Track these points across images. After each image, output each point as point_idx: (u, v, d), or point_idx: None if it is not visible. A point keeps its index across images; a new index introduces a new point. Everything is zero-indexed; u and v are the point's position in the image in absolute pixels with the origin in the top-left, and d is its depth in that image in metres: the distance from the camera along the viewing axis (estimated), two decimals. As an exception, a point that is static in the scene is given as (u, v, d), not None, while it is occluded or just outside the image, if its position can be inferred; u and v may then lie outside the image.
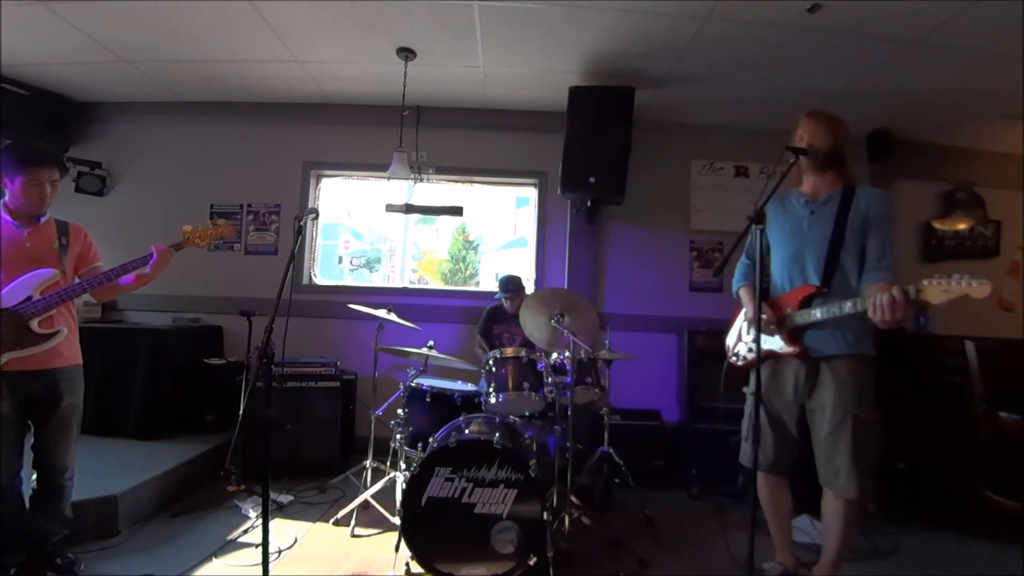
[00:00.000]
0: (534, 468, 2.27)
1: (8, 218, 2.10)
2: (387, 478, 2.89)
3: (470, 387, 2.98)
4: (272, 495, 2.40)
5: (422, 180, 3.98)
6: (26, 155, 2.09)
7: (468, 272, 10.72)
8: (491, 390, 2.69)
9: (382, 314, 3.12)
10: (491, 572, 2.20)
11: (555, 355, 2.93)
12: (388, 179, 3.72)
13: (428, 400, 2.82)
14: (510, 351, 2.79)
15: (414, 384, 2.87)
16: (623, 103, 3.60)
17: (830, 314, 1.93)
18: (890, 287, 1.76)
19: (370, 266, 10.25)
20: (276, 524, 2.73)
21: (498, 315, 3.82)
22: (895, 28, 2.85)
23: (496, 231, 9.52)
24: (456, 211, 4.11)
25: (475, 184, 4.60)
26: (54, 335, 2.06)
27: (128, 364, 3.59)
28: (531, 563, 2.21)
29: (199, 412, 3.75)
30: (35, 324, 2.02)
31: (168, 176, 4.40)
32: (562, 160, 3.72)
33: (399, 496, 2.67)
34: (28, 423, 2.12)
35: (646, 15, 2.92)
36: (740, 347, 2.29)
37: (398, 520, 2.34)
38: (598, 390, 2.88)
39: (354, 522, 2.75)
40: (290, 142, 4.43)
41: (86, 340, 2.31)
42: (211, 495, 3.04)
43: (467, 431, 2.45)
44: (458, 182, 4.55)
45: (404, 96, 3.63)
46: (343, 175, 4.59)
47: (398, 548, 2.28)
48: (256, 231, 4.39)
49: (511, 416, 2.76)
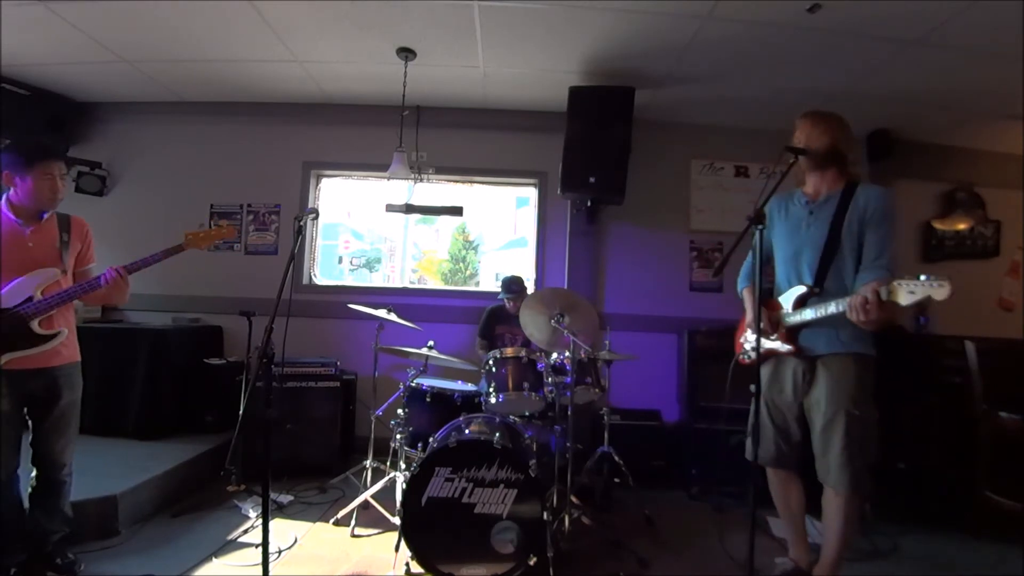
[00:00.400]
0: (534, 468, 2.27)
1: (11, 216, 2.08)
2: (387, 478, 2.89)
3: (470, 387, 2.98)
4: (272, 495, 2.40)
5: (422, 180, 3.98)
6: (35, 150, 2.07)
7: (468, 272, 10.72)
8: (491, 390, 2.69)
9: (382, 314, 3.12)
10: (491, 572, 2.20)
11: (555, 355, 2.94)
12: (388, 179, 3.72)
13: (428, 400, 2.83)
14: (510, 351, 2.79)
15: (414, 384, 2.87)
16: (623, 103, 3.60)
17: (818, 314, 1.96)
18: (881, 286, 1.77)
19: (370, 266, 10.26)
20: (276, 524, 2.73)
21: (499, 315, 3.82)
22: (895, 28, 2.85)
23: (496, 231, 9.54)
24: (456, 211, 4.11)
25: (475, 184, 4.60)
26: (55, 336, 2.06)
27: (128, 364, 3.59)
28: (531, 563, 2.21)
29: (199, 412, 3.75)
30: (36, 325, 2.02)
31: (168, 176, 4.40)
32: (562, 160, 3.72)
33: (399, 496, 2.67)
34: (27, 420, 2.12)
35: (646, 15, 2.92)
36: (747, 345, 2.31)
37: (398, 520, 2.34)
38: (598, 390, 2.88)
39: (354, 522, 2.74)
40: (290, 142, 4.42)
41: (86, 340, 2.31)
42: (211, 495, 3.04)
43: (467, 431, 2.45)
44: (458, 182, 4.55)
45: (404, 96, 3.63)
46: (343, 175, 4.59)
47: (398, 548, 2.28)
48: (256, 231, 4.39)
49: (511, 416, 2.76)
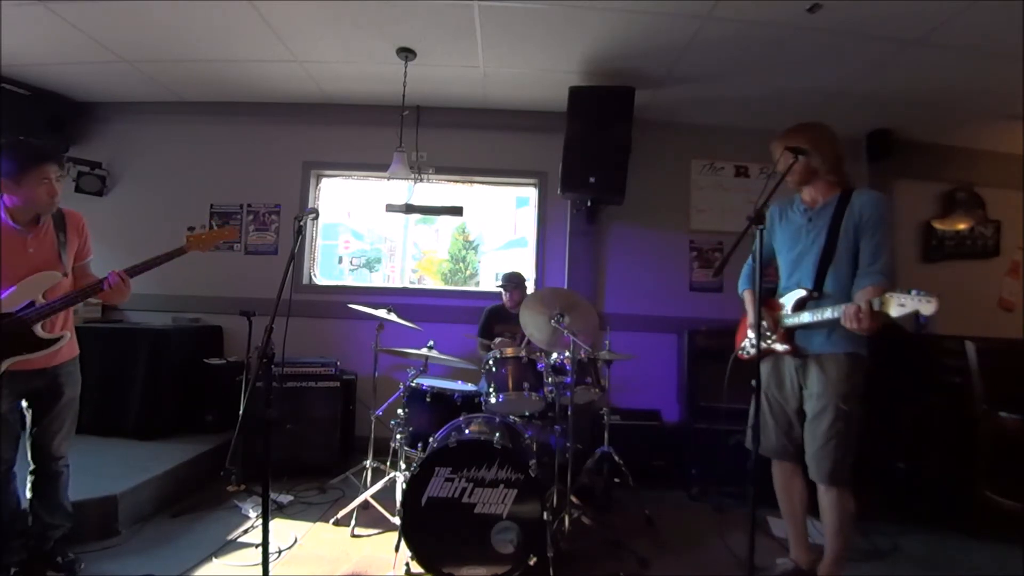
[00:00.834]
0: (534, 468, 2.27)
1: (10, 222, 2.04)
2: (387, 478, 2.89)
3: (470, 387, 2.98)
4: (272, 495, 2.40)
5: (422, 180, 3.98)
6: (28, 155, 2.02)
7: (468, 272, 10.73)
8: (491, 390, 2.69)
9: (382, 314, 3.12)
10: (491, 572, 2.20)
11: (555, 355, 2.94)
12: (388, 179, 3.72)
13: (428, 400, 2.82)
14: (510, 351, 2.79)
15: (414, 384, 2.87)
16: (623, 103, 3.59)
17: (815, 318, 2.03)
18: (878, 291, 1.84)
19: (370, 266, 10.26)
20: (276, 524, 2.73)
21: (499, 315, 3.82)
22: (895, 28, 2.85)
23: (496, 231, 9.54)
24: (456, 211, 4.11)
25: (475, 184, 4.60)
26: (58, 339, 2.07)
27: (128, 364, 3.59)
28: (531, 563, 2.21)
29: (199, 412, 3.75)
30: (39, 328, 2.03)
31: (168, 176, 4.40)
32: (562, 160, 3.72)
33: (399, 496, 2.67)
34: (24, 415, 2.13)
35: (646, 15, 2.92)
36: (746, 342, 2.35)
37: (398, 520, 2.34)
38: (598, 390, 2.88)
39: (354, 522, 2.74)
40: (290, 142, 4.42)
41: (86, 340, 2.32)
42: (211, 495, 3.04)
43: (467, 431, 2.45)
44: (458, 182, 4.55)
45: (404, 96, 3.63)
46: (343, 175, 4.59)
47: (398, 548, 2.28)
48: (256, 231, 4.39)
49: (511, 416, 2.76)
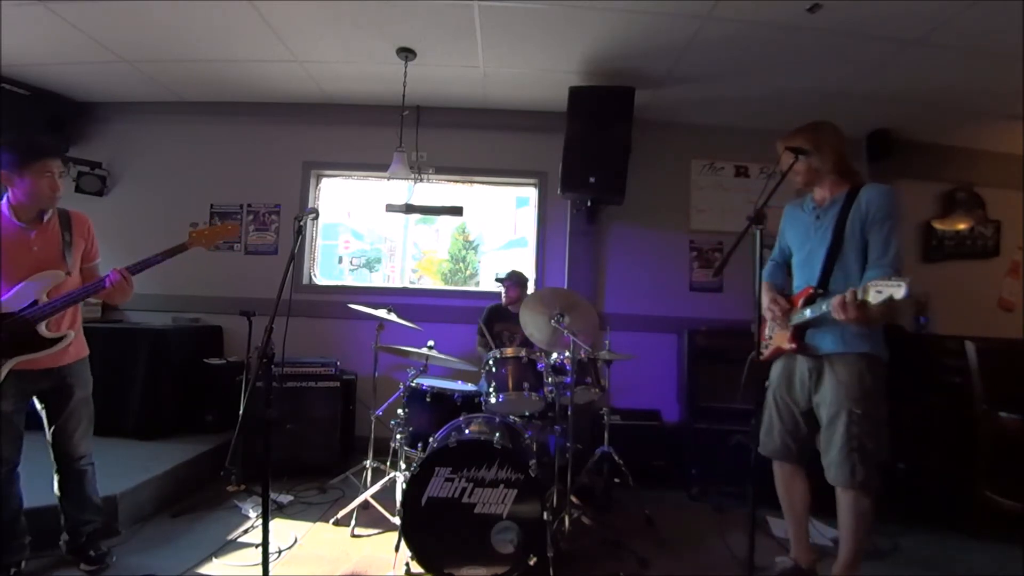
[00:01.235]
0: (534, 468, 2.27)
1: (13, 220, 2.05)
2: (387, 478, 2.89)
3: (470, 387, 2.97)
4: (272, 495, 2.40)
5: (422, 180, 3.99)
6: (31, 148, 2.04)
7: (468, 272, 10.72)
8: (491, 390, 2.69)
9: (382, 314, 3.12)
10: (491, 572, 2.20)
11: (555, 355, 2.94)
12: (388, 179, 3.72)
13: (428, 400, 2.82)
14: (510, 351, 2.79)
15: (414, 384, 2.87)
16: (623, 103, 3.60)
17: (815, 314, 2.01)
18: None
19: (370, 266, 10.26)
20: (276, 524, 2.73)
21: (499, 314, 3.82)
22: (895, 28, 2.85)
23: (496, 231, 9.53)
24: (456, 211, 4.11)
25: (475, 184, 4.60)
26: (61, 339, 2.08)
27: (128, 364, 3.59)
28: (531, 563, 2.21)
29: (199, 412, 3.75)
30: (43, 328, 2.04)
31: (168, 176, 4.40)
32: (562, 160, 3.72)
33: (399, 496, 2.67)
34: (39, 415, 2.17)
35: (646, 15, 2.92)
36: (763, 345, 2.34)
37: (398, 520, 2.34)
38: (598, 390, 2.88)
39: (354, 522, 2.74)
40: (290, 142, 4.42)
41: (86, 340, 2.31)
42: (211, 495, 3.04)
43: (467, 431, 2.45)
44: (458, 182, 4.55)
45: (404, 96, 3.63)
46: (343, 175, 4.59)
47: (398, 548, 2.28)
48: (256, 231, 4.39)
49: (511, 416, 2.76)
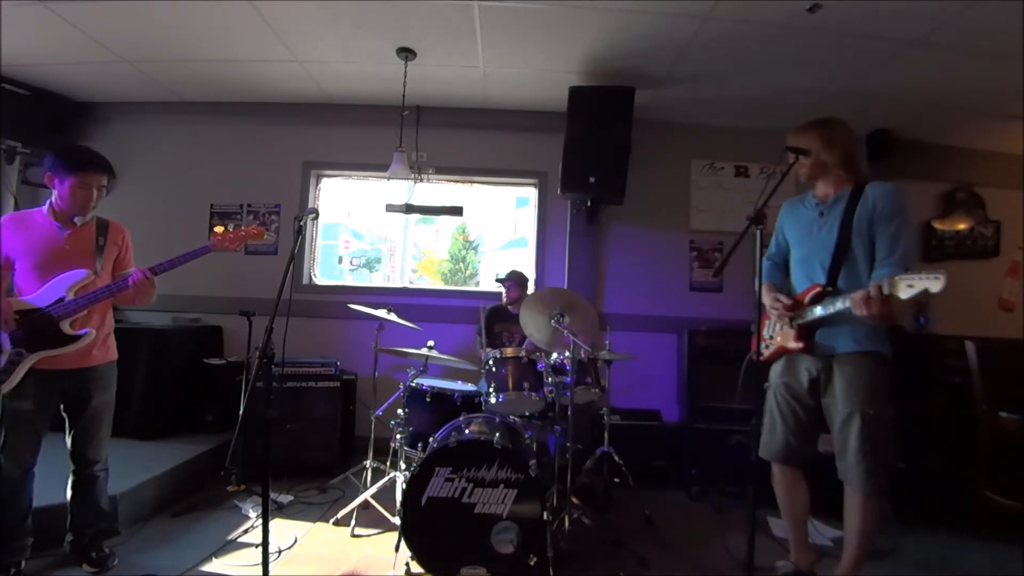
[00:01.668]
0: (534, 468, 2.27)
1: (51, 220, 2.16)
2: (387, 478, 2.89)
3: (470, 387, 2.97)
4: (272, 495, 2.40)
5: (422, 180, 3.99)
6: (78, 158, 2.14)
7: (468, 272, 10.72)
8: (491, 390, 2.69)
9: (382, 314, 3.12)
10: (491, 572, 2.20)
11: (555, 355, 2.94)
12: (388, 179, 3.72)
13: (428, 400, 2.82)
14: (510, 351, 2.79)
15: (414, 384, 2.87)
16: (623, 103, 3.60)
17: (828, 311, 1.98)
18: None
19: (370, 266, 10.25)
20: (276, 524, 2.73)
21: (499, 314, 3.82)
22: (895, 28, 2.85)
23: (496, 231, 9.52)
24: (456, 211, 4.11)
25: (475, 184, 4.60)
26: (83, 337, 2.11)
27: (128, 364, 3.51)
28: (531, 563, 2.21)
29: (199, 412, 3.75)
30: (66, 325, 2.08)
31: (168, 176, 4.40)
32: (562, 160, 3.72)
33: (399, 496, 2.67)
34: (62, 417, 2.21)
35: (646, 15, 2.92)
36: (763, 345, 2.32)
37: (398, 520, 2.34)
38: (598, 390, 2.88)
39: (354, 522, 2.74)
40: (290, 142, 4.42)
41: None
42: (211, 495, 3.04)
43: (467, 431, 2.45)
44: (458, 182, 4.55)
45: (404, 96, 3.63)
46: (343, 175, 4.59)
47: (398, 548, 2.28)
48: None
49: (511, 416, 2.76)
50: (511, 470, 2.24)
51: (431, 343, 3.11)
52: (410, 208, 4.03)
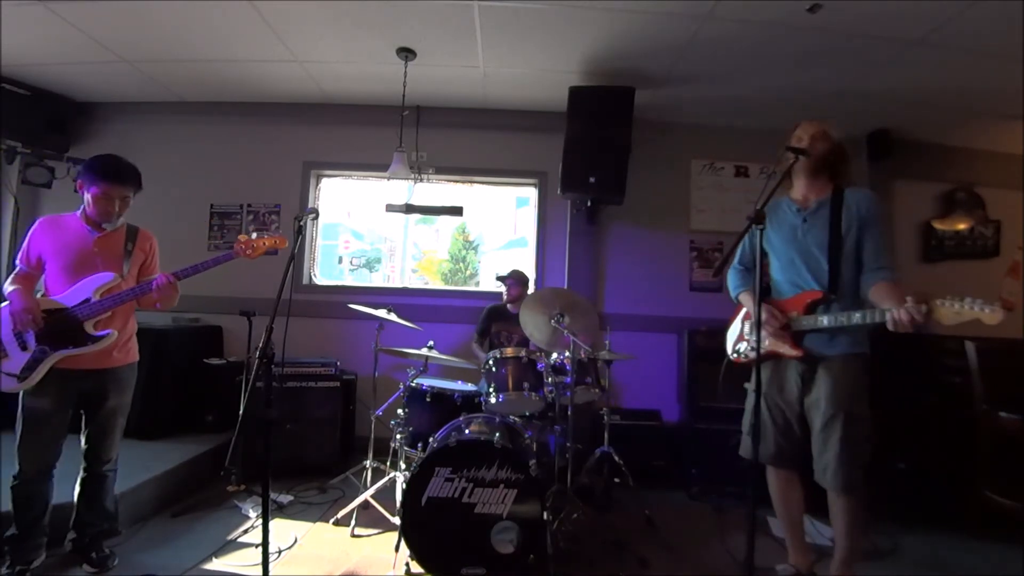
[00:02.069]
0: (534, 468, 2.27)
1: (82, 223, 2.23)
2: (387, 478, 2.89)
3: (470, 387, 2.97)
4: (272, 495, 2.41)
5: (422, 180, 3.99)
6: (104, 169, 2.18)
7: (468, 272, 10.72)
8: (491, 390, 2.69)
9: (382, 314, 3.12)
10: (491, 572, 2.20)
11: (555, 355, 2.94)
12: (388, 179, 3.72)
13: (428, 400, 2.82)
14: (510, 351, 2.79)
15: (414, 384, 2.87)
16: (623, 103, 3.60)
17: (838, 323, 1.97)
18: (896, 288, 1.86)
19: (370, 266, 10.25)
20: (276, 524, 2.73)
21: (498, 314, 3.82)
22: (895, 28, 2.85)
23: (496, 231, 9.52)
24: (456, 211, 4.11)
25: (475, 184, 4.60)
26: (104, 337, 2.15)
27: (128, 364, 3.58)
28: (531, 563, 2.21)
29: (199, 412, 3.75)
30: (89, 326, 2.13)
31: (168, 176, 4.38)
32: (562, 160, 3.72)
33: (399, 496, 2.67)
34: (80, 415, 2.26)
35: (646, 15, 2.92)
36: (741, 345, 2.31)
37: (398, 520, 2.34)
38: (598, 390, 2.88)
39: (354, 522, 2.74)
40: (290, 142, 4.42)
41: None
42: (211, 495, 3.04)
43: (467, 431, 2.45)
44: (458, 182, 4.55)
45: (404, 96, 3.63)
46: (343, 175, 4.59)
47: (398, 548, 2.28)
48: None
49: (511, 416, 2.76)
50: (511, 470, 2.24)
51: (431, 343, 3.11)
52: (410, 208, 4.03)
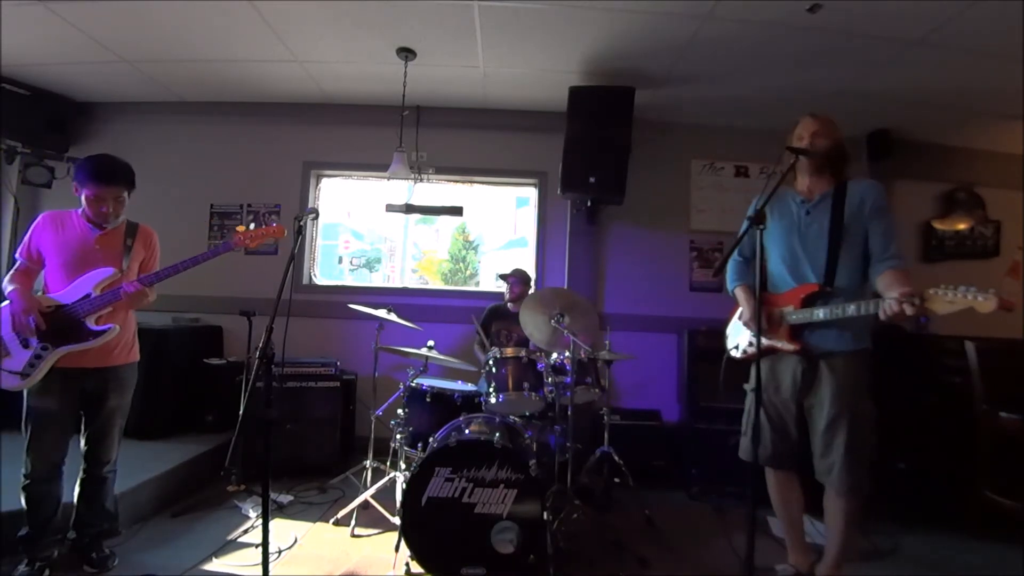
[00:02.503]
0: (534, 468, 2.27)
1: (84, 220, 2.22)
2: (387, 478, 2.89)
3: (470, 387, 2.97)
4: (272, 495, 2.41)
5: (422, 180, 3.99)
6: (94, 171, 2.16)
7: (468, 272, 10.72)
8: (491, 390, 2.69)
9: (382, 314, 3.12)
10: (491, 572, 2.20)
11: (555, 355, 2.93)
12: (388, 179, 3.72)
13: (428, 400, 2.82)
14: (510, 351, 2.79)
15: (414, 384, 2.87)
16: (623, 103, 3.60)
17: (833, 315, 1.94)
18: (904, 275, 1.85)
19: (370, 266, 10.24)
20: (276, 524, 2.73)
21: (498, 314, 3.82)
22: (895, 28, 2.85)
23: (496, 231, 9.51)
24: (456, 211, 4.11)
25: (475, 184, 4.60)
26: (106, 332, 2.15)
27: (128, 364, 3.58)
28: (531, 563, 2.21)
29: (199, 412, 3.75)
30: (90, 321, 2.13)
31: (168, 176, 4.39)
32: (562, 160, 3.72)
33: (399, 496, 2.67)
34: (80, 415, 2.25)
35: (646, 15, 2.92)
36: (740, 340, 2.30)
37: (398, 520, 2.34)
38: (598, 390, 2.88)
39: (354, 522, 2.74)
40: (290, 142, 4.42)
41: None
42: (211, 495, 3.04)
43: (467, 431, 2.45)
44: (458, 182, 4.55)
45: (404, 96, 3.63)
46: (343, 175, 4.59)
47: (398, 548, 2.28)
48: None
49: (511, 416, 2.76)
50: (511, 470, 2.24)
51: (431, 343, 3.11)
52: (410, 208, 4.03)
